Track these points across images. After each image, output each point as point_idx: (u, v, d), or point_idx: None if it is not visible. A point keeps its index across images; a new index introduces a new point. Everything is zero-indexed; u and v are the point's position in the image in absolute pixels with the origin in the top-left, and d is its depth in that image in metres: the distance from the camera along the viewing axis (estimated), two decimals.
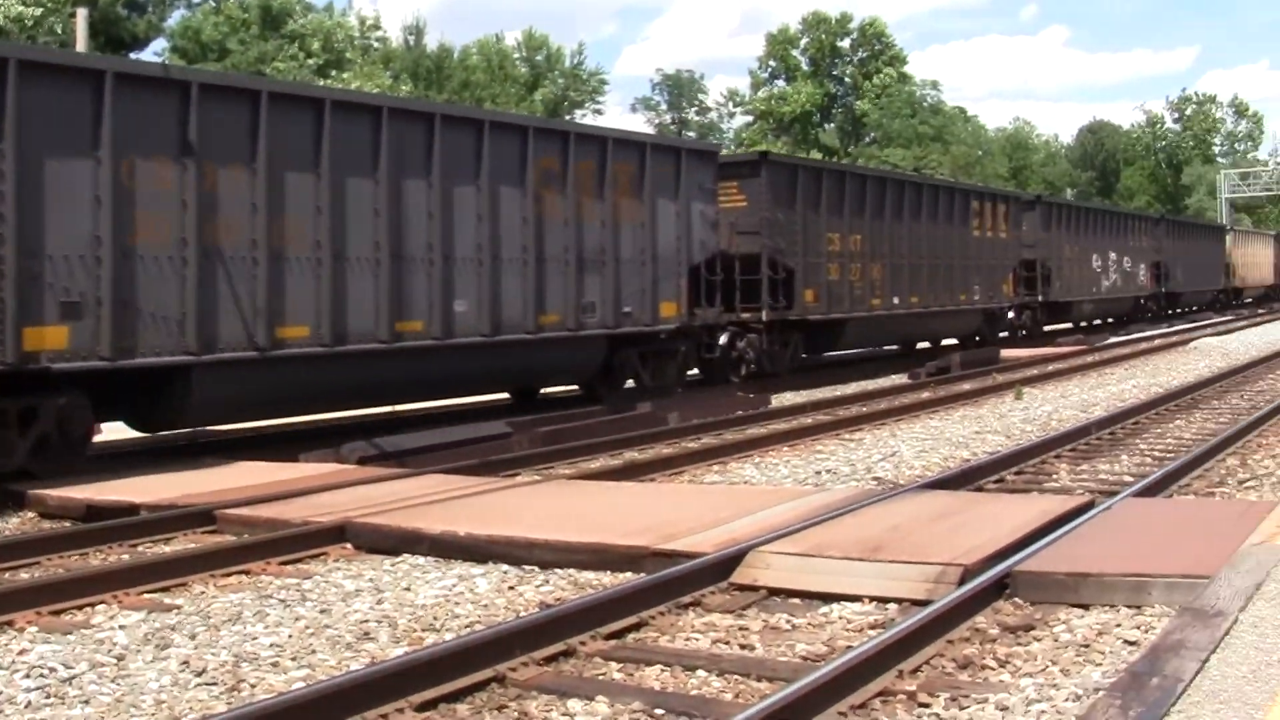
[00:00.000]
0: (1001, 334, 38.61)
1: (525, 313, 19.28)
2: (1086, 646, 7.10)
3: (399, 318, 17.27)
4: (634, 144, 22.28)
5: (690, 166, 23.07)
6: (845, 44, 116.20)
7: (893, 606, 8.05)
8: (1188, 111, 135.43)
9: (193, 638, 7.79)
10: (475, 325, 18.47)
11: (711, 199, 23.86)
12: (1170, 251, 56.52)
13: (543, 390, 22.93)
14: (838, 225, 28.42)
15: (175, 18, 70.26)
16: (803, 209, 27.07)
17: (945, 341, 36.17)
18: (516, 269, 19.15)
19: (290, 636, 7.79)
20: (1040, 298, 41.28)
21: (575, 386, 22.91)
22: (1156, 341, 39.13)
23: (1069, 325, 45.72)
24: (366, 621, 8.11)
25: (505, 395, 22.55)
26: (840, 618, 7.92)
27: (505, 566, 9.50)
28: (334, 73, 67.47)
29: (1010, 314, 39.58)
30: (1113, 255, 48.33)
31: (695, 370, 25.42)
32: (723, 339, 25.13)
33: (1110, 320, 51.53)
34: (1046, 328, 42.66)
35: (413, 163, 17.58)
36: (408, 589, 8.96)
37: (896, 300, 30.90)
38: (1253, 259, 76.82)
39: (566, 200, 20.15)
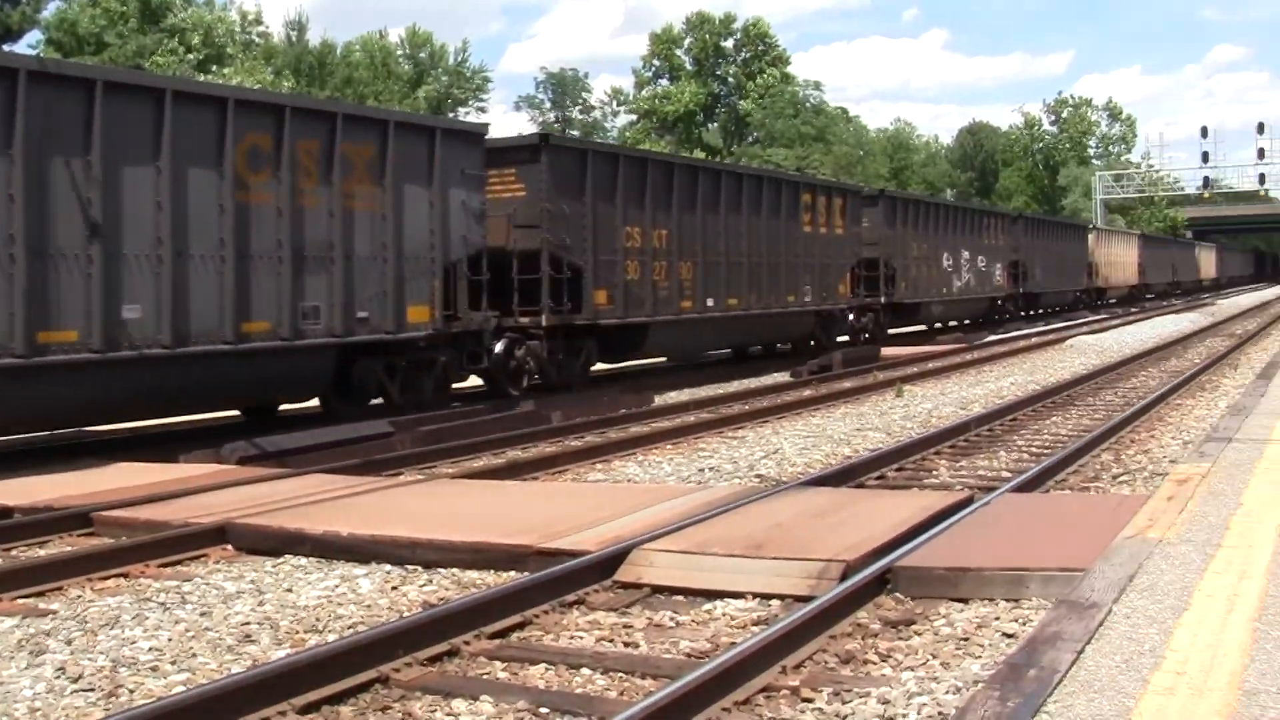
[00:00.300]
0: (841, 338, 36.55)
1: (223, 319, 16.44)
2: (966, 640, 7.21)
3: (43, 326, 14.34)
4: (372, 121, 19.43)
5: (449, 149, 20.15)
6: (729, 44, 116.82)
7: (776, 603, 8.10)
8: (1064, 114, 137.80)
9: (69, 643, 7.66)
10: (152, 334, 15.55)
11: (477, 186, 20.94)
12: (1029, 250, 55.25)
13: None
14: (638, 218, 25.78)
15: (51, 9, 68.97)
16: (594, 200, 24.38)
17: (779, 346, 34.60)
18: (210, 267, 16.30)
19: (170, 640, 7.69)
20: (883, 299, 38.92)
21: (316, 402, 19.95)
22: (1033, 340, 39.70)
23: (918, 329, 44.30)
24: (248, 624, 8.03)
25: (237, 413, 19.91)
26: (724, 615, 7.96)
27: (388, 567, 9.45)
28: (215, 68, 66.66)
29: (851, 316, 37.28)
30: (965, 254, 46.40)
31: (480, 381, 23.19)
32: (498, 347, 22.40)
33: (967, 322, 50.10)
34: (891, 330, 40.89)
35: (65, 139, 14.61)
36: (290, 590, 8.88)
37: (711, 302, 28.31)
38: (1117, 259, 75.91)
39: (281, 186, 17.31)
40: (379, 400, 19.57)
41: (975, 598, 7.92)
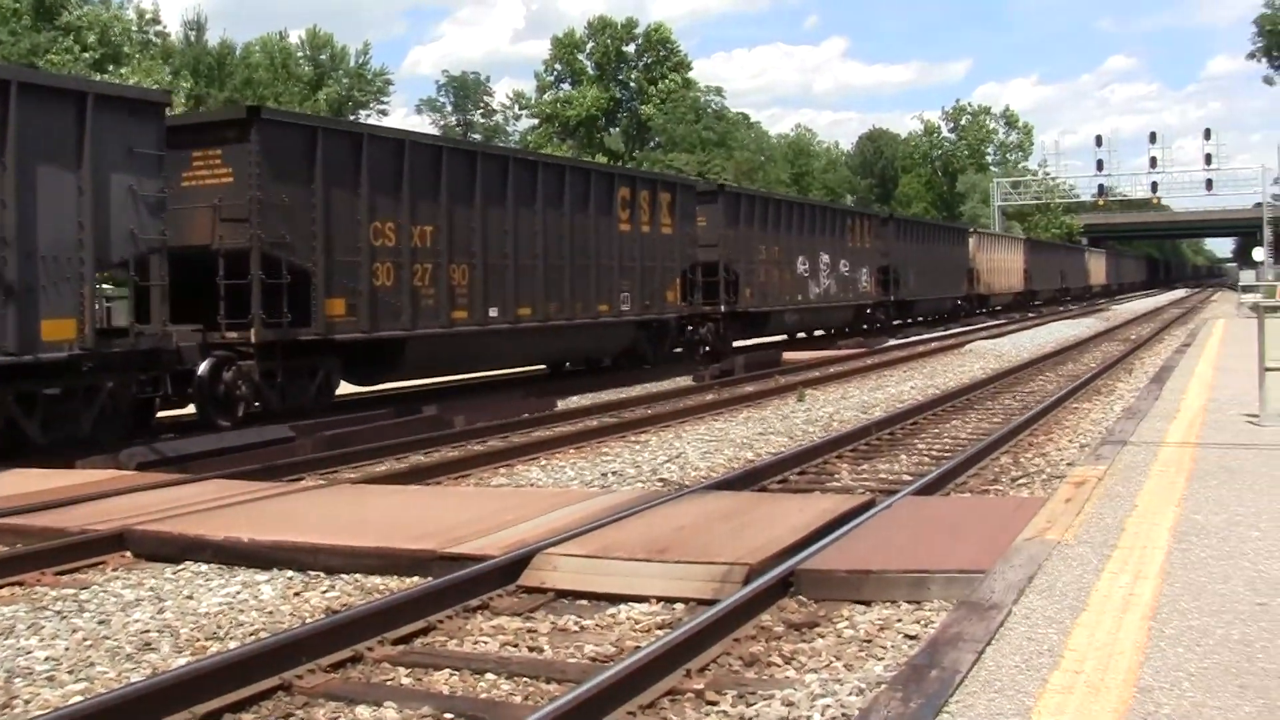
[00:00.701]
0: (675, 350, 32.91)
1: None
2: (869, 641, 7.28)
3: None
4: None
5: (108, 121, 15.92)
6: (631, 49, 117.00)
7: (680, 606, 8.13)
8: (962, 122, 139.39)
9: None
10: None
11: (152, 169, 16.59)
12: (902, 255, 51.30)
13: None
14: (392, 211, 21.43)
15: None
16: (326, 187, 20.01)
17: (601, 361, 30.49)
18: None
19: (67, 649, 7.59)
20: (724, 307, 34.47)
21: None
22: (933, 345, 40.09)
23: (772, 339, 40.39)
24: (148, 631, 7.93)
25: None
26: (628, 618, 7.98)
27: (290, 573, 9.38)
28: (111, 67, 65.70)
29: (689, 327, 33.51)
30: (826, 258, 42.38)
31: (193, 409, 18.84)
32: (202, 368, 18.11)
33: (831, 332, 45.48)
34: (737, 343, 36.32)
35: None
36: (190, 597, 8.78)
37: (495, 312, 23.92)
38: (1000, 264, 72.75)
39: None
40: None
41: (878, 600, 7.99)
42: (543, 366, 29.68)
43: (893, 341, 41.96)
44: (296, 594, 8.84)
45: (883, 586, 8.07)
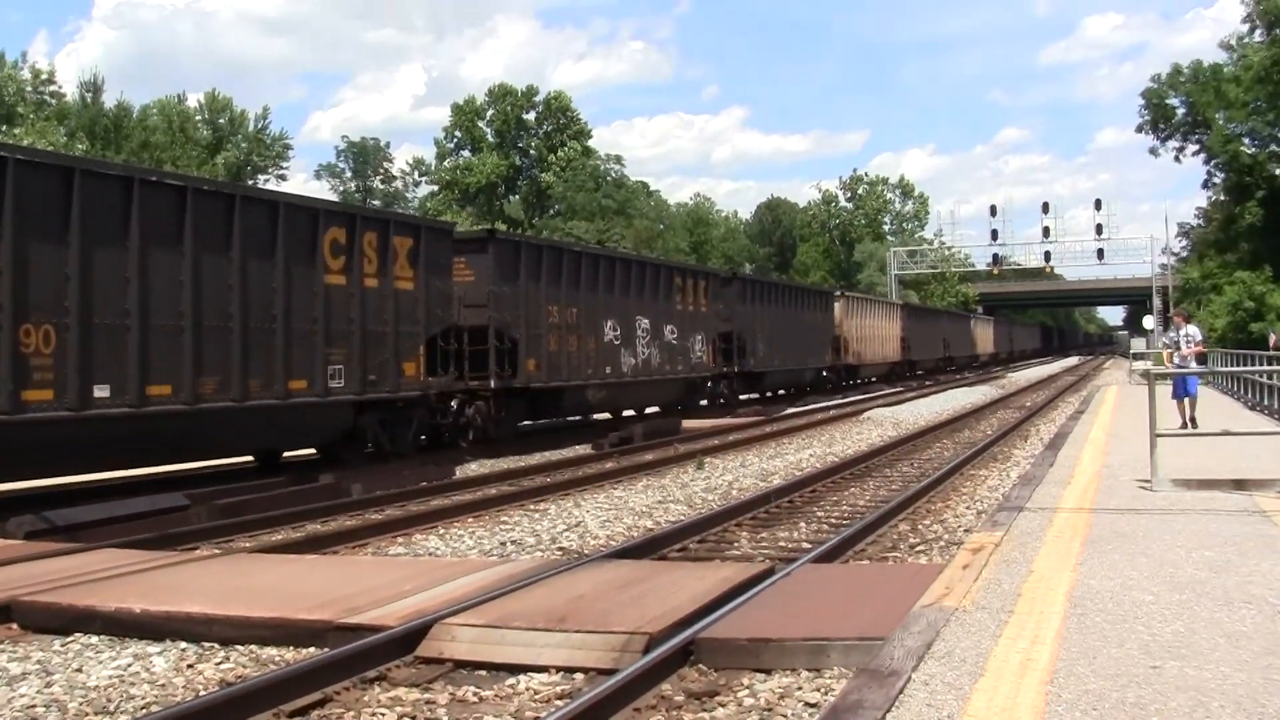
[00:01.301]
0: (421, 437, 25.63)
1: None
2: (769, 710, 7.26)
3: None
4: None
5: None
6: (531, 116, 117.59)
7: (580, 676, 8.08)
8: (859, 191, 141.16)
9: None
10: None
11: None
12: (748, 320, 44.86)
13: None
14: None
15: None
16: None
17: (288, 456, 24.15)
18: None
19: None
20: (494, 382, 27.29)
21: None
22: (832, 412, 40.40)
23: (568, 419, 34.63)
24: (34, 706, 7.75)
25: None
26: (527, 689, 7.91)
27: (184, 644, 9.21)
28: (4, 127, 64.95)
29: (454, 406, 26.92)
30: (645, 323, 34.99)
31: None
32: None
33: (655, 411, 38.29)
34: (525, 422, 30.51)
35: None
36: (79, 670, 8.60)
37: (106, 392, 17.07)
38: (872, 332, 66.48)
39: None
40: None
41: (778, 668, 7.98)
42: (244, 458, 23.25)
43: (790, 410, 42.13)
44: (190, 666, 8.68)
45: (783, 654, 8.06)
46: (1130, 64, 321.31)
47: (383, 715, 7.44)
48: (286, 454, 23.70)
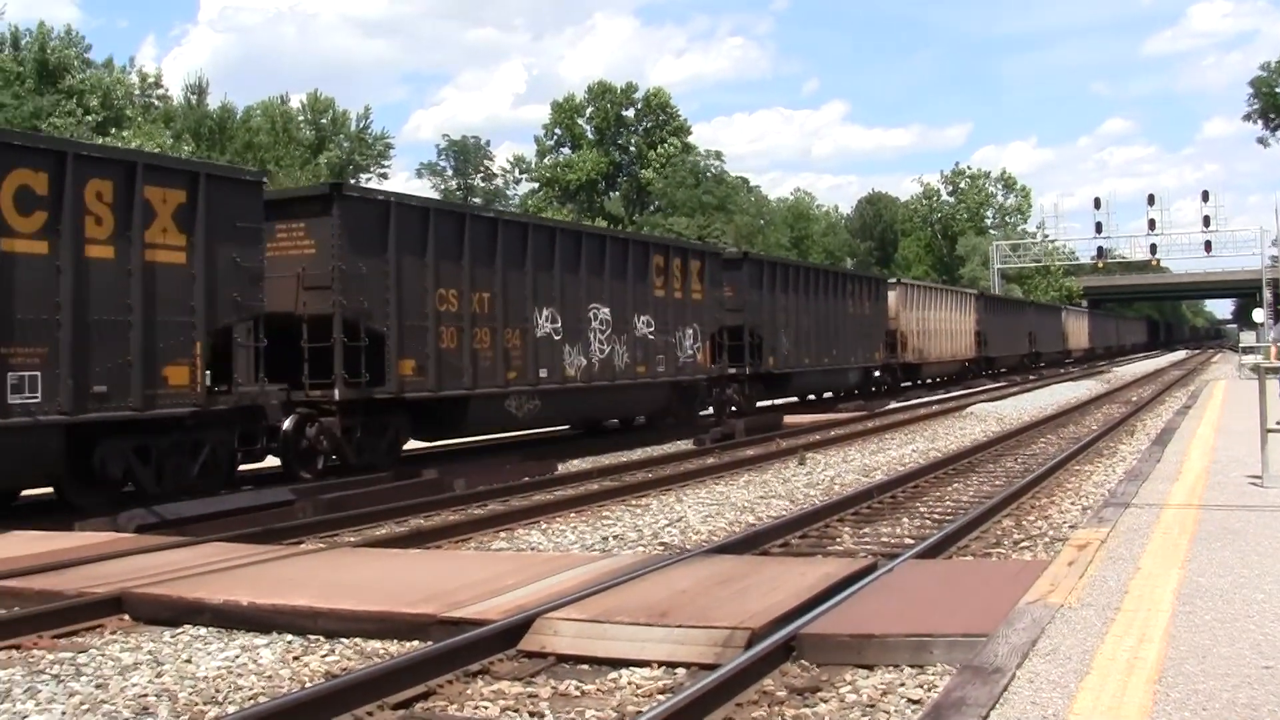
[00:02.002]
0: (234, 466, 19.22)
1: None
2: (872, 706, 7.22)
3: None
4: None
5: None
6: (630, 114, 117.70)
7: (681, 671, 8.07)
8: (961, 184, 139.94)
9: None
10: None
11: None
12: (766, 310, 37.38)
13: None
14: None
15: None
16: None
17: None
18: None
19: (64, 713, 7.53)
20: (339, 391, 20.45)
21: None
22: (934, 408, 40.09)
23: (482, 438, 27.01)
24: (145, 696, 7.87)
25: None
26: (629, 683, 7.91)
27: (290, 636, 9.32)
28: (114, 130, 66.07)
29: (287, 424, 19.93)
30: (604, 313, 27.80)
31: None
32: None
33: (618, 426, 32.09)
34: (417, 445, 24.70)
35: None
36: (188, 661, 8.72)
37: None
38: (937, 325, 58.03)
39: None
40: None
41: (880, 664, 7.93)
42: None
43: (893, 404, 41.83)
44: (296, 658, 8.78)
45: (885, 650, 8.01)
46: (1238, 52, 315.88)
47: (485, 708, 7.48)
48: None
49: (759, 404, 38.00)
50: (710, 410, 34.40)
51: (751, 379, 36.76)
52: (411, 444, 24.01)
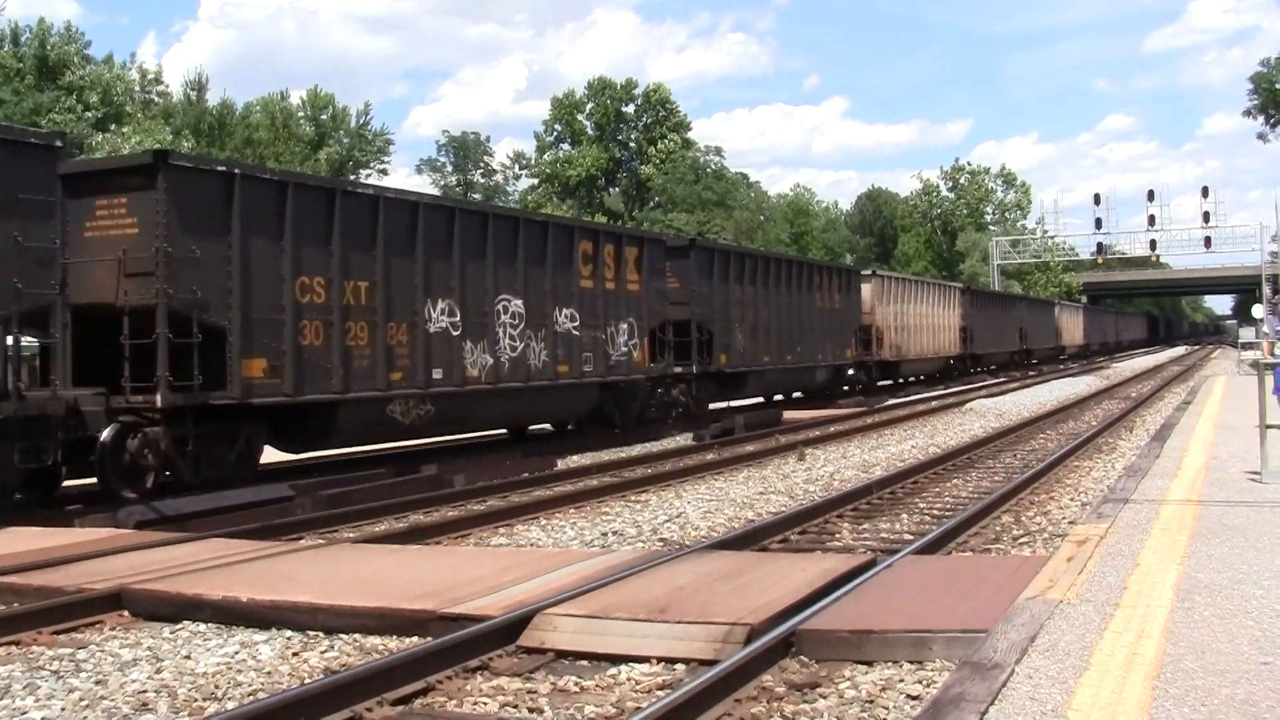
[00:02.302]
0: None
1: None
2: (871, 702, 7.22)
3: None
4: None
5: None
6: (630, 110, 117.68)
7: (680, 667, 8.07)
8: (961, 180, 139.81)
9: None
10: None
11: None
12: (718, 304, 33.87)
13: None
14: None
15: None
16: None
17: None
18: None
19: (63, 709, 7.53)
20: (183, 399, 17.35)
21: None
22: (933, 404, 40.09)
23: (362, 450, 23.46)
24: (145, 691, 7.88)
25: None
26: (629, 679, 7.92)
27: (289, 632, 9.33)
28: (113, 126, 66.06)
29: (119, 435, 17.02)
30: (515, 305, 24.66)
31: None
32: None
33: (534, 432, 29.05)
34: (276, 460, 21.59)
35: None
36: (188, 657, 8.73)
37: None
38: (918, 320, 54.06)
39: None
40: None
41: (879, 660, 7.94)
42: None
43: (891, 401, 41.77)
44: (295, 654, 8.79)
45: (884, 646, 8.02)
46: (1239, 48, 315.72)
47: (485, 704, 7.48)
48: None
49: (711, 406, 34.43)
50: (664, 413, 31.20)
51: (701, 379, 33.12)
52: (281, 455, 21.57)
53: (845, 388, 46.27)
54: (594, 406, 28.04)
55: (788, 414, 33.96)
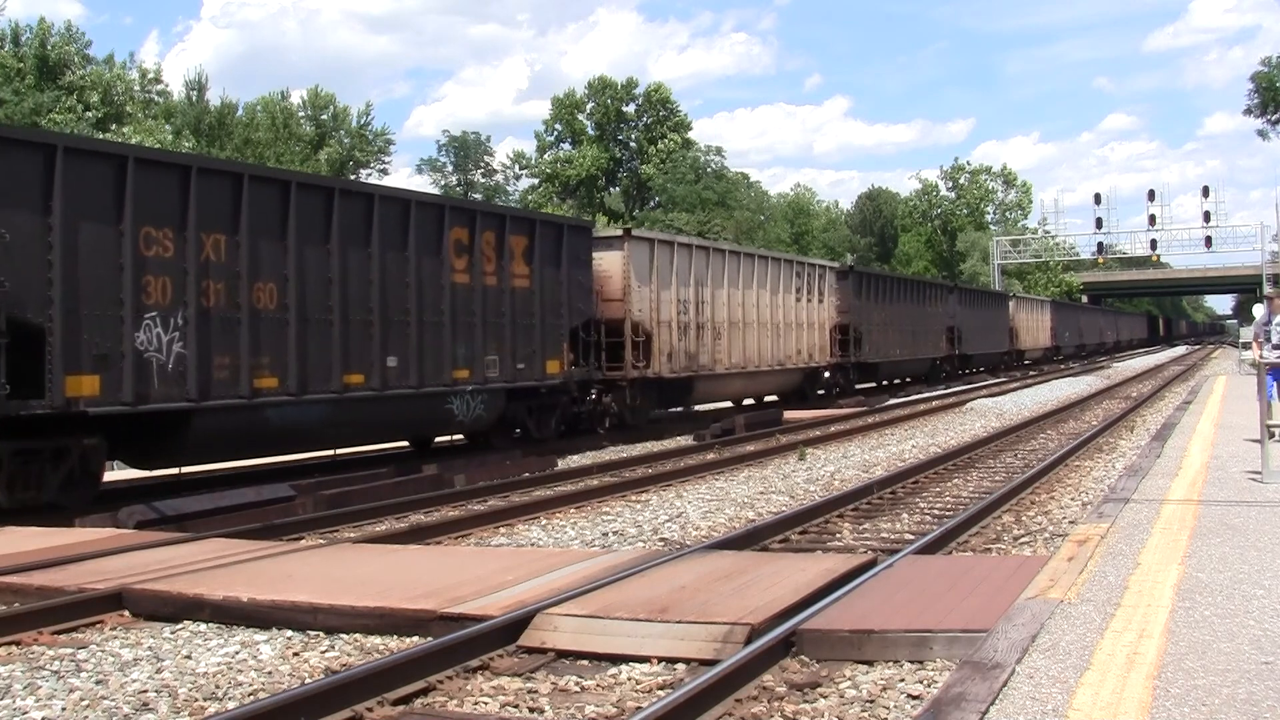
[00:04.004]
0: None
1: None
2: (871, 702, 7.22)
3: None
4: None
5: None
6: (630, 109, 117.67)
7: (681, 667, 8.07)
8: (961, 180, 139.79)
9: None
10: None
11: None
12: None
13: None
14: None
15: None
16: None
17: None
18: None
19: (64, 709, 7.53)
20: None
21: None
22: (934, 403, 40.08)
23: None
24: (145, 691, 7.87)
25: None
26: (629, 679, 7.92)
27: (289, 632, 9.32)
28: (114, 126, 66.08)
29: None
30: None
31: None
32: None
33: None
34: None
35: None
36: (188, 657, 8.72)
37: None
38: (751, 313, 36.42)
39: None
40: None
41: (880, 659, 7.94)
42: None
43: (892, 400, 41.71)
44: (295, 654, 8.79)
45: (885, 646, 8.01)
46: (1240, 48, 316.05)
47: (485, 704, 7.48)
48: None
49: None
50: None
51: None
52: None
53: (821, 392, 42.73)
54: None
55: (788, 414, 33.95)
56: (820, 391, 42.75)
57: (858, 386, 46.58)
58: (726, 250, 36.70)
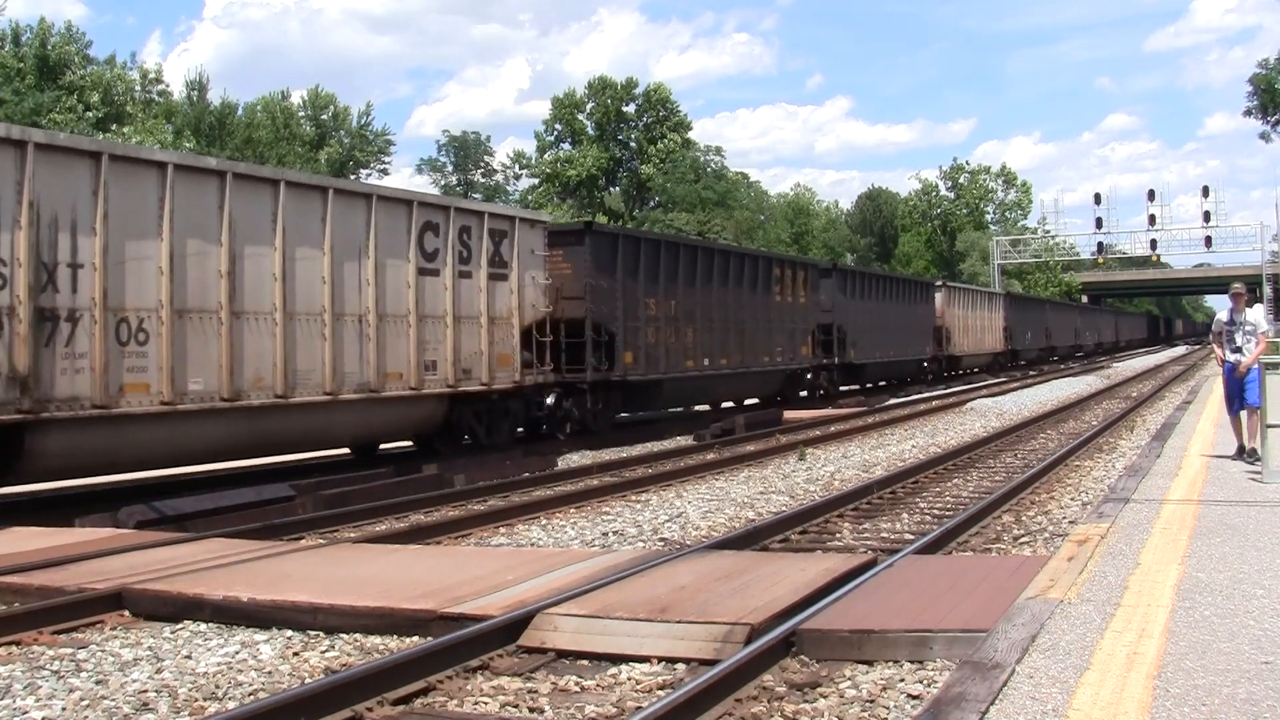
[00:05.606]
0: None
1: None
2: (871, 702, 7.21)
3: None
4: None
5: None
6: (631, 109, 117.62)
7: (681, 667, 8.07)
8: (960, 180, 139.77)
9: None
10: None
11: None
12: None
13: None
14: None
15: None
16: None
17: None
18: None
19: (64, 709, 7.53)
20: None
21: None
22: (934, 403, 40.07)
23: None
24: (145, 691, 7.87)
25: None
26: (629, 679, 7.91)
27: (289, 632, 9.32)
28: (114, 126, 66.07)
29: None
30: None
31: None
32: None
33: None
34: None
35: None
36: (188, 657, 8.72)
37: None
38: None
39: None
40: None
41: (880, 659, 7.93)
42: None
43: (892, 400, 41.67)
44: (295, 654, 8.78)
45: (885, 646, 8.01)
46: (1241, 48, 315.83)
47: (485, 704, 7.48)
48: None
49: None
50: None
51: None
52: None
53: (804, 394, 41.04)
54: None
55: (788, 414, 33.92)
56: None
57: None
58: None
